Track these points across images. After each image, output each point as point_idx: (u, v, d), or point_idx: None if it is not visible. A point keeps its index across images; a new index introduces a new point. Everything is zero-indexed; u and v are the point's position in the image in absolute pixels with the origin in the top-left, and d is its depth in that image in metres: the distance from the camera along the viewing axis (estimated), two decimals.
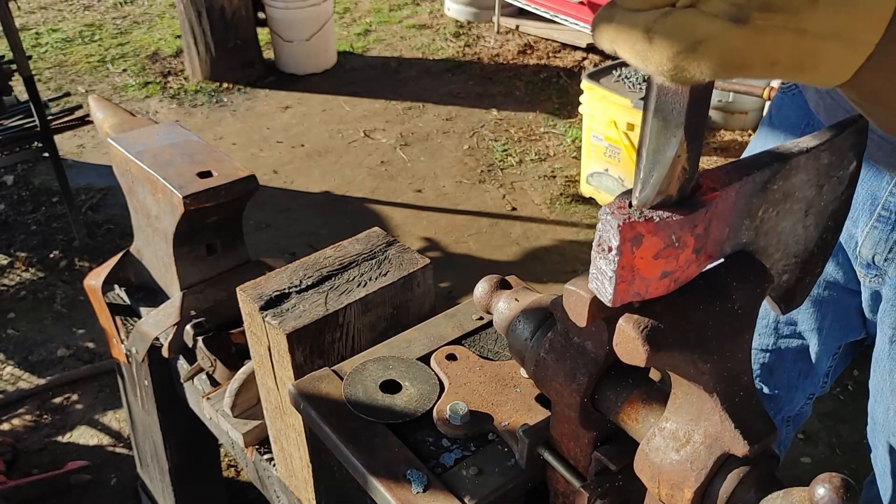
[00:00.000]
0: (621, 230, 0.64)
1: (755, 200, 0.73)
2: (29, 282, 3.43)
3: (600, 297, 0.69)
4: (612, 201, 0.68)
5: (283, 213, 3.84)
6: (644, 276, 0.67)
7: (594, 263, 0.68)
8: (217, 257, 1.77)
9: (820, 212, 0.80)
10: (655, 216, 0.65)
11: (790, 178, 0.74)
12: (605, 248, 0.66)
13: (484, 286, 1.03)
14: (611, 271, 0.66)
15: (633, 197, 0.68)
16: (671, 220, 0.66)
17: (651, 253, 0.66)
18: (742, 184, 0.70)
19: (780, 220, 0.77)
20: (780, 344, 1.51)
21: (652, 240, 0.66)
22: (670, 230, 0.66)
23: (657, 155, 0.65)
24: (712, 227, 0.70)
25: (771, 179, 0.72)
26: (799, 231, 0.79)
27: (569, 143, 4.41)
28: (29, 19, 6.02)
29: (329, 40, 5.21)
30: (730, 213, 0.71)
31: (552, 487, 0.97)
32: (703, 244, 0.70)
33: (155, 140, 1.76)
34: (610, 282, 0.66)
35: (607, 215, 0.65)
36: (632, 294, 0.68)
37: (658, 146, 0.65)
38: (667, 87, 0.62)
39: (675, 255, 0.68)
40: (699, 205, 0.67)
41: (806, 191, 0.76)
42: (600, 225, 0.66)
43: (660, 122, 0.64)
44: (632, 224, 0.64)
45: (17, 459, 2.60)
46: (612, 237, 0.65)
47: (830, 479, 0.65)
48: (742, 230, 0.74)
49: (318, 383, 1.09)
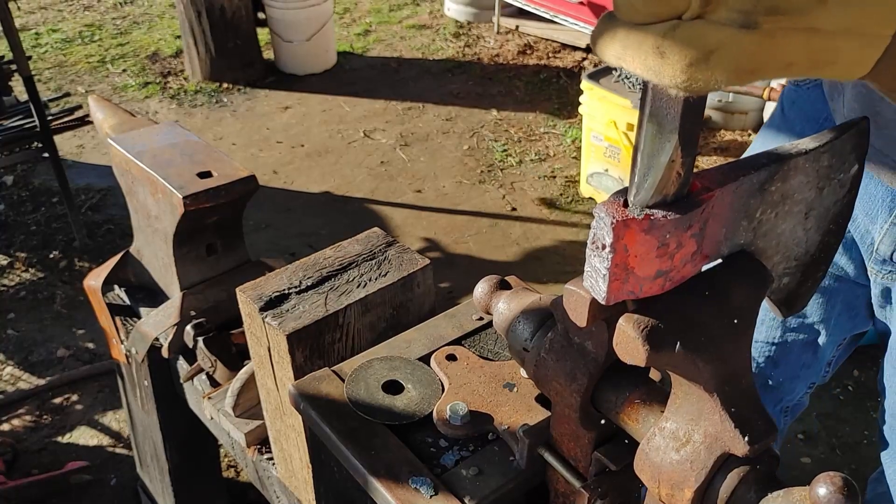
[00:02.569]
0: (615, 228, 0.64)
1: (753, 201, 0.73)
2: (29, 282, 3.43)
3: (594, 294, 0.69)
4: (606, 199, 0.68)
5: (283, 213, 3.84)
6: (638, 274, 0.67)
7: (589, 261, 0.68)
8: (217, 257, 1.77)
9: (821, 214, 0.79)
10: (650, 215, 0.66)
11: (788, 179, 0.74)
12: (599, 245, 0.66)
13: (484, 286, 1.03)
14: (605, 269, 0.66)
15: (628, 196, 0.68)
16: (665, 220, 0.66)
17: (645, 252, 0.66)
18: (738, 184, 0.70)
19: (780, 221, 0.77)
20: (786, 337, 1.52)
21: (646, 239, 0.66)
22: (664, 230, 0.66)
23: (652, 159, 0.65)
24: (708, 228, 0.70)
25: (768, 181, 0.72)
26: (799, 234, 0.79)
27: (569, 144, 4.41)
28: (29, 19, 6.02)
29: (329, 40, 5.21)
30: (726, 213, 0.71)
31: (552, 487, 0.97)
32: (700, 244, 0.70)
33: (155, 140, 1.76)
34: (604, 280, 0.67)
35: (601, 213, 0.65)
36: (626, 292, 0.68)
37: (653, 150, 0.65)
38: (661, 93, 0.63)
39: (669, 254, 0.68)
40: (694, 205, 0.67)
41: (805, 193, 0.76)
42: (595, 222, 0.66)
43: (654, 127, 0.64)
44: (626, 222, 0.65)
45: (17, 459, 2.60)
46: (605, 235, 0.65)
47: (831, 479, 0.65)
48: (740, 231, 0.74)
49: (318, 384, 1.09)
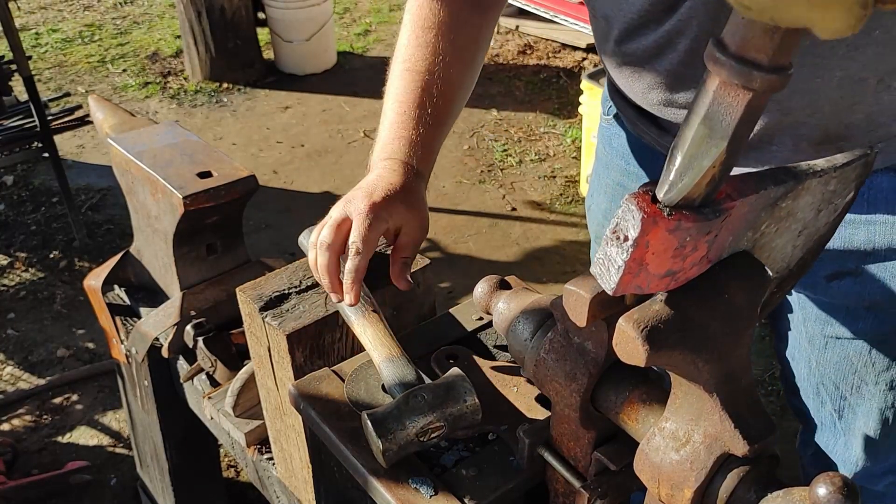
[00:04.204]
0: (644, 222, 0.63)
1: (763, 215, 0.73)
2: (29, 282, 3.44)
3: (601, 283, 0.68)
4: (635, 192, 0.66)
5: (283, 213, 3.84)
6: (650, 271, 0.67)
7: (603, 249, 0.66)
8: (217, 257, 1.77)
9: (810, 234, 0.80)
10: (678, 216, 0.64)
11: (798, 198, 0.74)
12: (622, 236, 0.64)
13: (484, 286, 1.03)
14: (621, 261, 0.65)
15: (657, 192, 0.66)
16: (691, 223, 0.65)
17: (663, 250, 0.66)
18: (758, 197, 0.70)
19: (777, 237, 0.77)
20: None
21: (668, 238, 0.65)
22: (687, 232, 0.66)
23: (693, 161, 0.64)
24: (721, 235, 0.70)
25: (782, 197, 0.72)
26: (787, 250, 0.80)
27: (569, 144, 4.41)
28: (29, 19, 6.02)
29: (329, 40, 5.21)
30: (739, 223, 0.71)
31: (552, 487, 0.97)
32: (710, 249, 0.70)
33: (155, 140, 1.76)
34: (617, 271, 0.65)
35: (631, 205, 0.64)
36: (633, 286, 0.67)
37: (697, 152, 0.63)
38: (724, 96, 0.61)
39: (683, 256, 0.68)
40: (718, 212, 0.66)
41: (806, 213, 0.76)
42: (621, 213, 0.64)
43: (706, 129, 0.63)
44: (655, 219, 0.63)
45: (17, 459, 2.59)
46: (631, 228, 0.64)
47: (831, 479, 0.65)
48: (743, 241, 0.74)
49: (317, 384, 1.09)
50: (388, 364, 1.04)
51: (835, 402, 1.37)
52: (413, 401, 0.95)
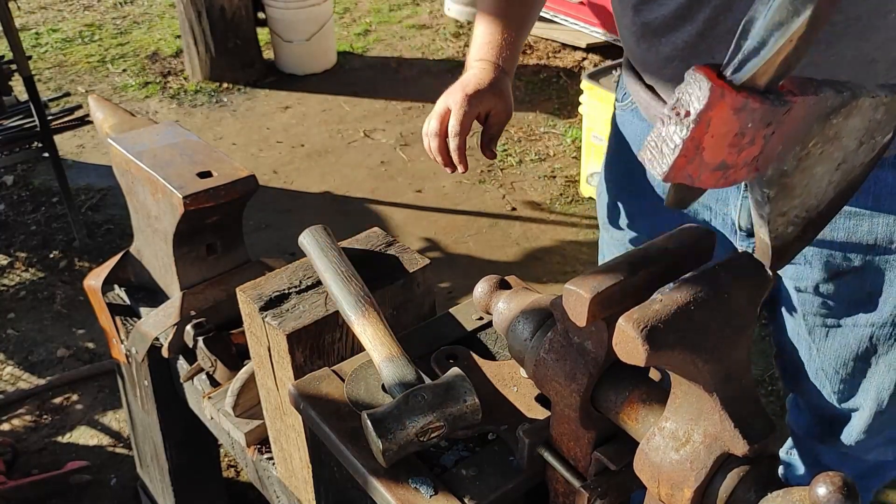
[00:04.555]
0: (711, 93, 0.59)
1: (815, 127, 0.69)
2: (29, 282, 3.44)
3: (651, 168, 0.64)
4: (698, 65, 0.62)
5: (283, 213, 3.84)
6: (705, 158, 0.62)
7: (658, 130, 0.62)
8: (217, 257, 1.77)
9: (846, 171, 0.75)
10: (745, 94, 0.60)
11: (849, 118, 0.70)
12: (682, 112, 0.60)
13: (483, 286, 1.03)
14: (679, 139, 0.61)
15: (724, 70, 0.62)
16: (757, 105, 0.61)
17: (723, 134, 0.61)
18: (817, 101, 0.66)
19: (819, 162, 0.73)
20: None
21: (731, 118, 0.61)
22: (751, 116, 0.61)
23: (771, 32, 0.59)
24: (776, 134, 0.65)
25: (837, 109, 0.69)
26: (823, 184, 0.76)
27: (569, 143, 4.41)
28: (29, 19, 6.02)
29: (329, 40, 5.21)
30: (794, 128, 0.67)
31: (552, 487, 0.97)
32: (763, 150, 0.66)
33: (155, 140, 1.76)
34: (672, 151, 0.61)
35: (698, 75, 0.60)
36: (685, 175, 0.63)
37: (778, 20, 0.59)
38: None
39: (740, 147, 0.64)
40: (784, 102, 0.62)
41: (850, 141, 0.72)
42: (683, 87, 0.61)
43: None
44: (723, 91, 0.59)
45: (16, 459, 2.59)
46: (695, 100, 0.60)
47: (831, 479, 0.65)
48: (789, 156, 0.71)
49: (317, 383, 1.09)
50: (388, 364, 1.04)
51: (834, 386, 1.41)
52: (413, 401, 0.95)
